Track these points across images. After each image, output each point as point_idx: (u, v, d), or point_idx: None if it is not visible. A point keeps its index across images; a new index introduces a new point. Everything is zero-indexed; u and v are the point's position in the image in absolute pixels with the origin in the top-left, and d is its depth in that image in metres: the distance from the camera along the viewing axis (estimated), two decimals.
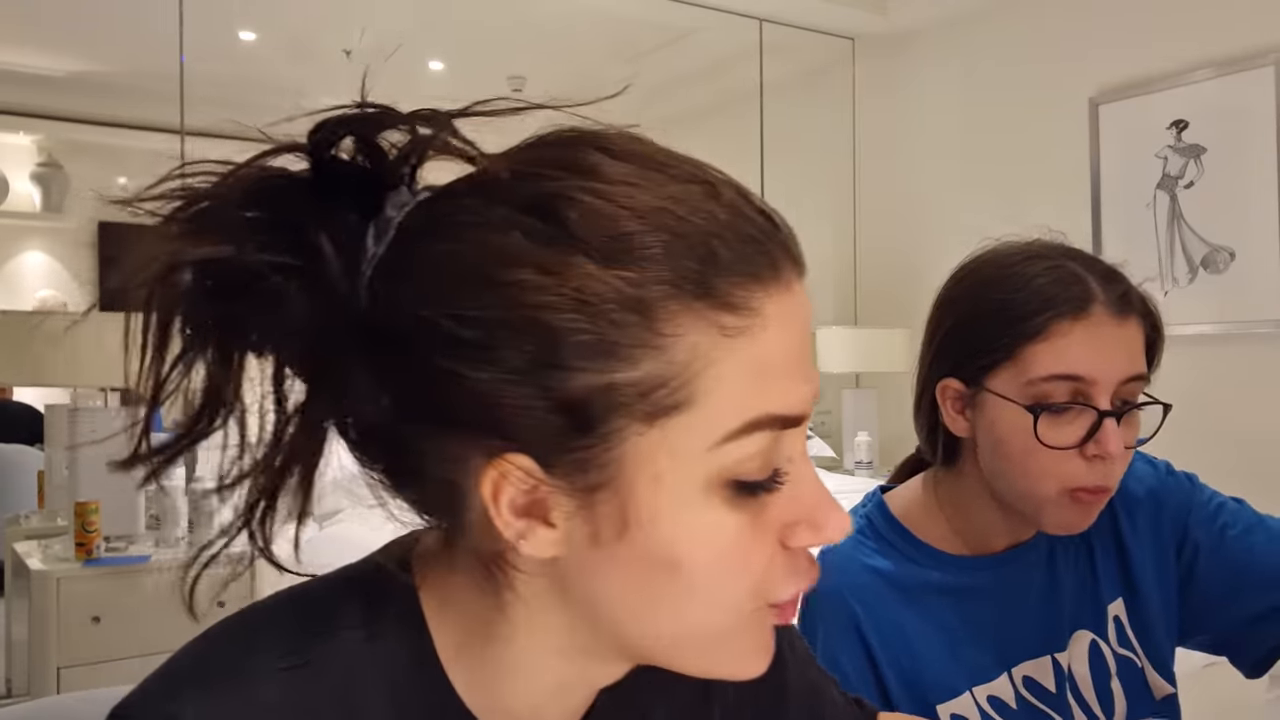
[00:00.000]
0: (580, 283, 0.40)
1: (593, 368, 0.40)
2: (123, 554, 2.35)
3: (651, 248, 0.40)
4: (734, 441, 0.41)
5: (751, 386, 0.41)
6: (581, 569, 0.44)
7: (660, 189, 0.42)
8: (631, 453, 0.41)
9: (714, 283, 0.41)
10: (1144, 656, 0.90)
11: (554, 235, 0.40)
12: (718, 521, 0.42)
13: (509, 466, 0.41)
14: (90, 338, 2.35)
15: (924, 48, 3.89)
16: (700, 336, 0.40)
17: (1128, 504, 0.93)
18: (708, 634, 0.44)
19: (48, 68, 4.20)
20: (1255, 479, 2.73)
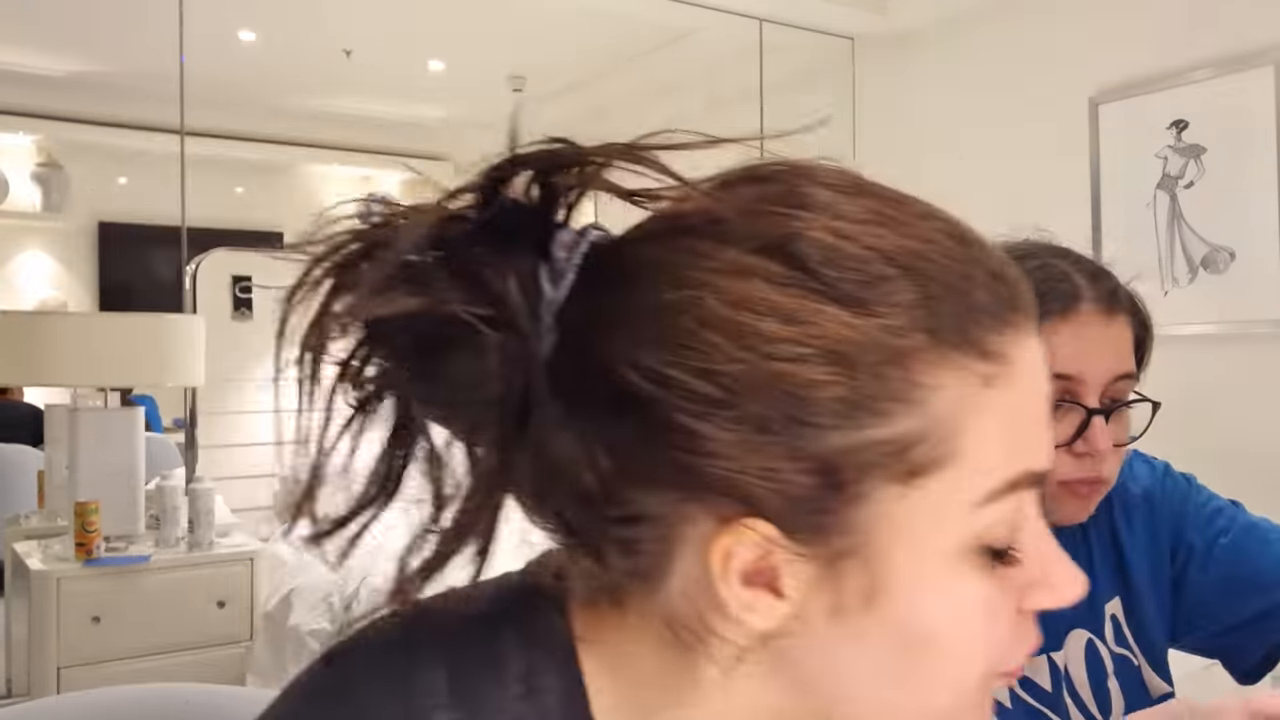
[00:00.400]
0: (832, 332, 0.36)
1: (847, 425, 0.36)
2: (123, 554, 2.35)
3: (906, 292, 0.37)
4: (995, 502, 0.38)
5: (1011, 441, 0.38)
6: (811, 644, 0.39)
7: (905, 228, 0.38)
8: (885, 516, 0.37)
9: (971, 329, 0.37)
10: (1140, 655, 0.90)
11: (798, 280, 0.36)
12: (974, 591, 0.39)
13: (746, 532, 0.37)
14: (90, 338, 2.35)
15: (924, 48, 3.89)
16: (961, 388, 0.37)
17: (1125, 504, 0.93)
18: (939, 711, 0.40)
19: (48, 68, 4.20)
20: (1255, 479, 2.73)
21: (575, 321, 0.39)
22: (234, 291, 3.02)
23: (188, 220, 2.99)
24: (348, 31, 3.93)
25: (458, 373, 0.39)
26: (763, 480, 0.36)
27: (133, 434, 2.45)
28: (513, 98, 4.58)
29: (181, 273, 2.98)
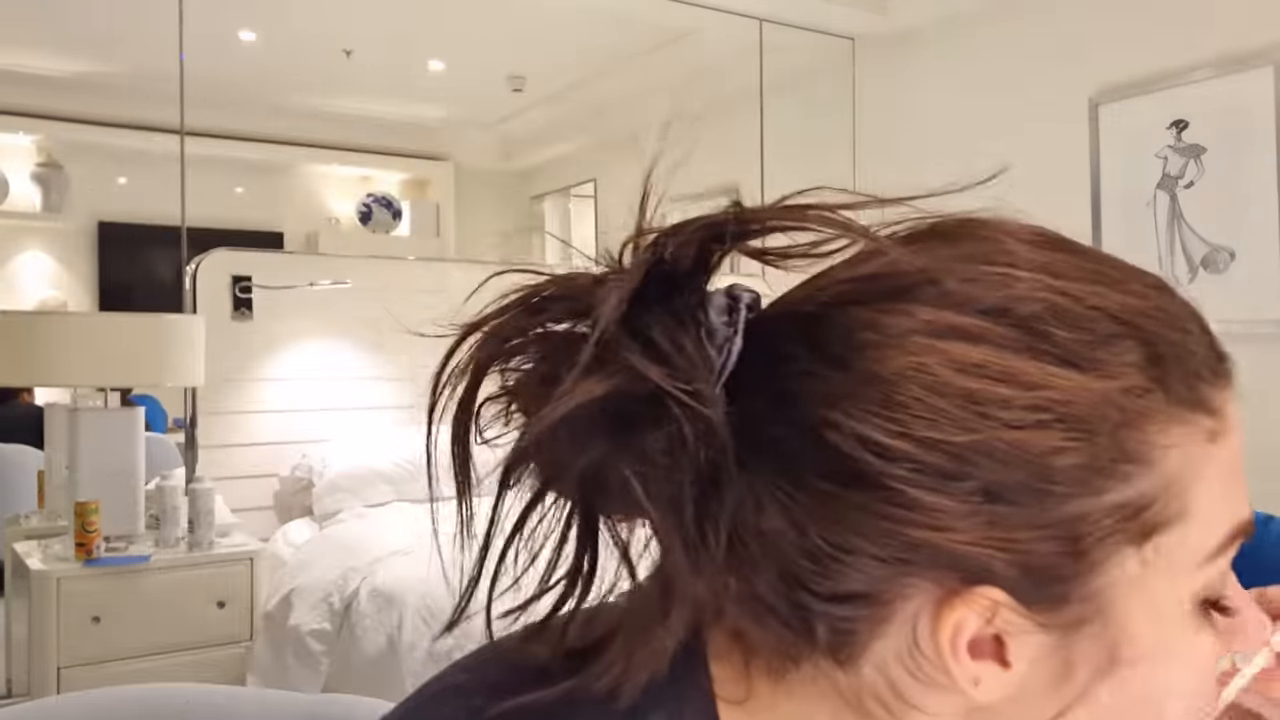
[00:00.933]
0: (1070, 396, 0.35)
1: (1086, 491, 0.35)
2: (123, 554, 2.35)
3: (1135, 352, 0.36)
4: (1220, 556, 0.38)
5: (1230, 494, 0.39)
6: (1030, 712, 0.38)
7: (1122, 285, 0.37)
8: (1123, 579, 0.36)
9: (1197, 385, 0.37)
10: None
11: (1029, 343, 0.35)
12: (1202, 647, 0.38)
13: (976, 605, 0.36)
14: (90, 338, 2.35)
15: (924, 48, 3.89)
16: (1190, 445, 0.37)
17: None
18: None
19: (48, 68, 4.21)
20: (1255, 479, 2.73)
21: (750, 391, 0.37)
22: (234, 291, 3.02)
23: (188, 220, 2.99)
24: (348, 31, 3.93)
25: (650, 453, 0.36)
26: (999, 551, 0.35)
27: (133, 434, 2.45)
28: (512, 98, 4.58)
29: (181, 273, 2.98)
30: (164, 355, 2.40)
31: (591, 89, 4.39)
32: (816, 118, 4.22)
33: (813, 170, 4.21)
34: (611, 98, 4.39)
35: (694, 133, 3.91)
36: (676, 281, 0.38)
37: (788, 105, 4.05)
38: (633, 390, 0.36)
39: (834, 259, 0.39)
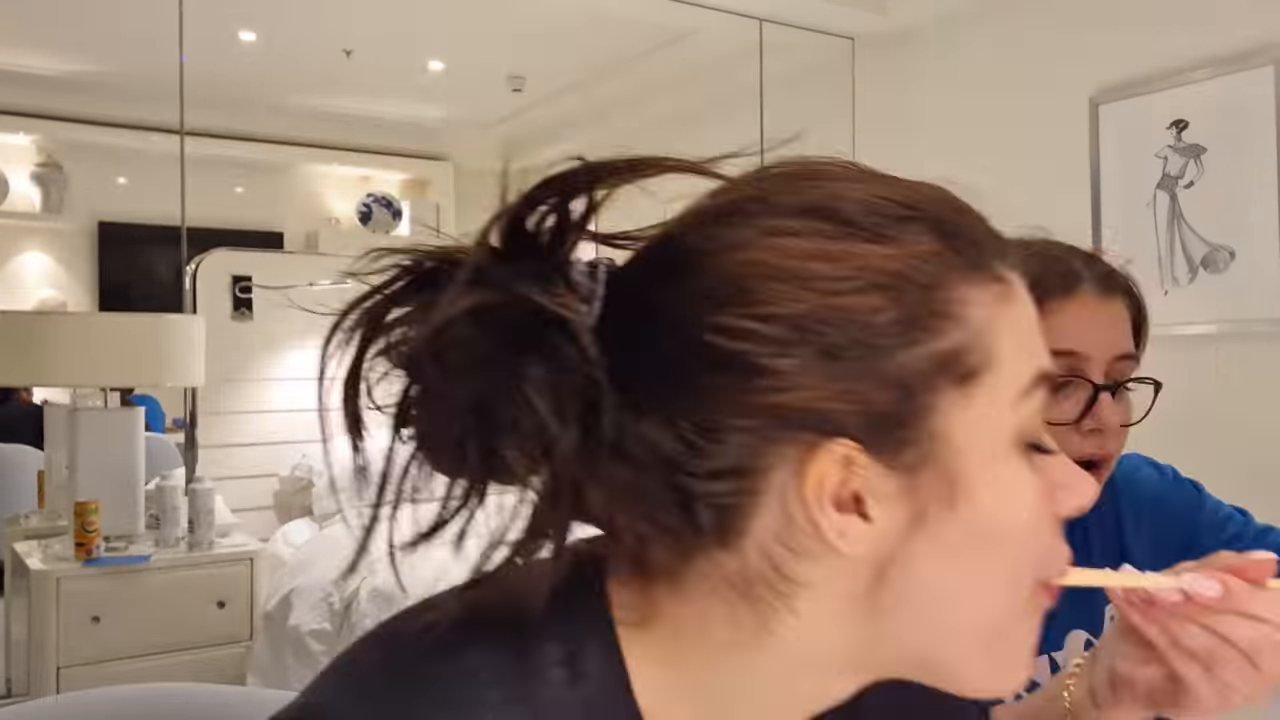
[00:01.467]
0: (876, 264, 0.42)
1: (907, 342, 0.41)
2: (122, 554, 2.35)
3: (925, 229, 0.43)
4: (1026, 398, 0.44)
5: (1026, 345, 0.45)
6: (893, 561, 0.43)
7: (912, 187, 0.45)
8: (949, 422, 0.42)
9: (982, 256, 0.44)
10: None
11: (841, 231, 0.43)
12: (1028, 483, 0.44)
13: (833, 453, 0.41)
14: (90, 338, 2.35)
15: (924, 47, 3.89)
16: (986, 304, 0.43)
17: (1134, 507, 0.93)
18: (996, 619, 0.44)
19: (48, 68, 4.20)
20: (1256, 479, 2.73)
21: (618, 328, 0.43)
22: (234, 291, 3.02)
23: (188, 220, 2.99)
24: (348, 31, 3.93)
25: (533, 375, 0.41)
26: (842, 402, 0.41)
27: (133, 434, 2.45)
28: (512, 98, 4.58)
29: (181, 273, 2.98)
30: (164, 355, 2.40)
31: (591, 89, 4.39)
32: (816, 118, 4.22)
33: None
34: (611, 98, 4.39)
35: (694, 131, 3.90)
36: (540, 251, 0.44)
37: (788, 105, 4.05)
38: (508, 306, 0.41)
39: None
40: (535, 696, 0.42)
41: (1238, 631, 0.51)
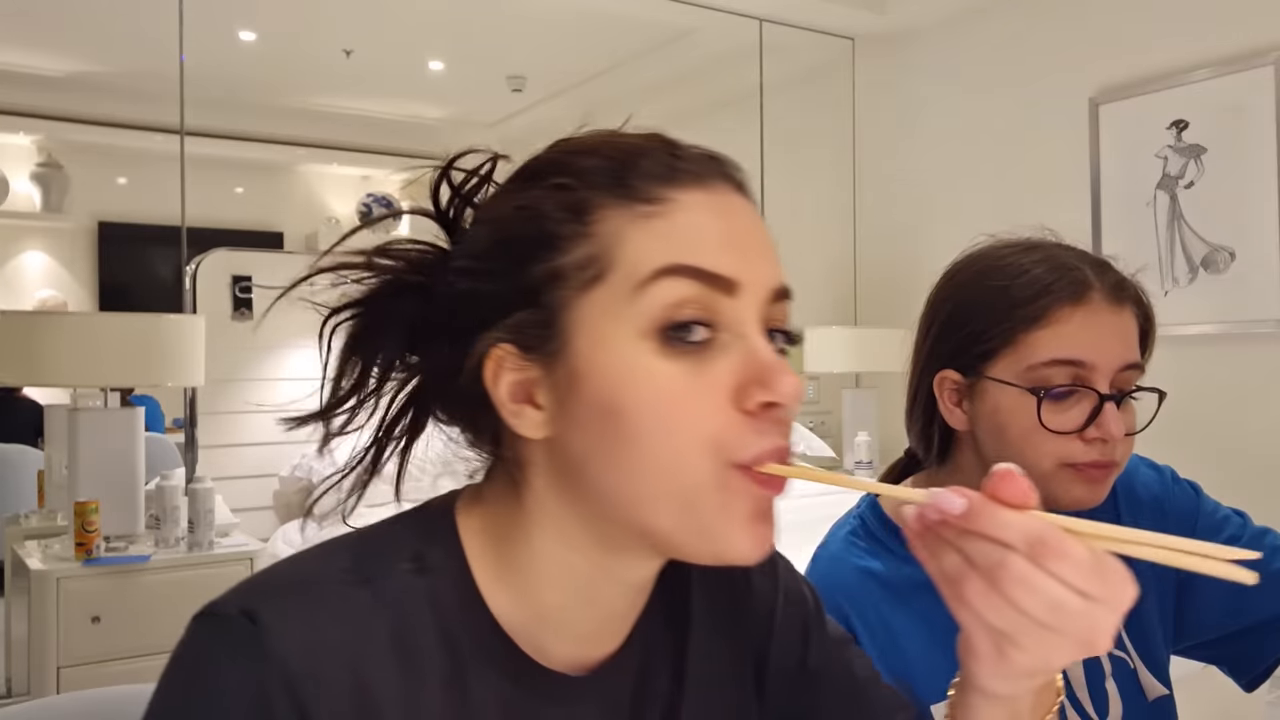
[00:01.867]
0: (527, 199, 0.52)
1: (539, 258, 0.51)
2: (122, 554, 2.35)
3: (587, 167, 0.52)
4: (648, 287, 0.49)
5: (661, 247, 0.50)
6: (560, 440, 0.52)
7: (609, 137, 0.54)
8: (574, 319, 0.50)
9: (631, 182, 0.51)
10: (1137, 658, 0.90)
11: (523, 183, 0.54)
12: (649, 367, 0.49)
13: (499, 354, 0.52)
14: (90, 338, 2.35)
15: (924, 47, 3.89)
16: (618, 221, 0.50)
17: (1132, 508, 0.93)
18: (675, 490, 0.49)
19: (48, 68, 4.20)
20: (1256, 479, 2.73)
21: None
22: (234, 291, 3.02)
23: (188, 220, 2.99)
24: (348, 31, 3.93)
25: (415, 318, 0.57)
26: (497, 311, 0.52)
27: (133, 434, 2.45)
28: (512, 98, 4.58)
29: (181, 273, 2.98)
30: (164, 355, 2.40)
31: (591, 89, 4.38)
32: (816, 118, 4.22)
33: (813, 170, 4.21)
34: (611, 98, 4.39)
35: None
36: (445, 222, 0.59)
37: (788, 105, 4.05)
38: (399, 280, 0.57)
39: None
40: (378, 583, 0.52)
41: (977, 551, 0.47)
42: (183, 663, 0.50)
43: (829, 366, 3.62)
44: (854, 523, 0.93)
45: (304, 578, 0.52)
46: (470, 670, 0.53)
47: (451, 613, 0.53)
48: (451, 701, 0.52)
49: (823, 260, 4.17)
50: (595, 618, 0.56)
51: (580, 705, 0.56)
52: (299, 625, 0.49)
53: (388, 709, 0.50)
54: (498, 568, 0.55)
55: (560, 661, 0.55)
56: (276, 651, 0.48)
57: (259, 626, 0.49)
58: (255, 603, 0.50)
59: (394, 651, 0.51)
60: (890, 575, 0.87)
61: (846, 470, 3.60)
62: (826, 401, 4.09)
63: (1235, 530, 0.91)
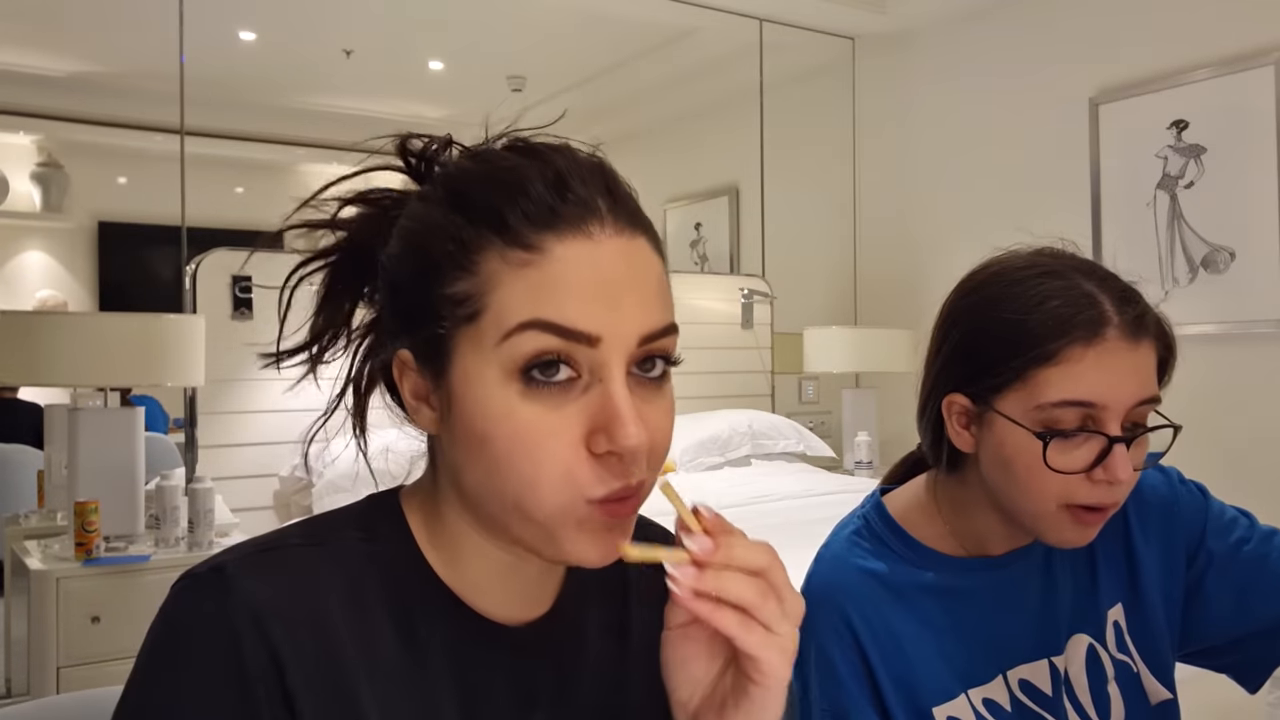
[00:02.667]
0: (426, 223, 0.57)
1: (437, 284, 0.55)
2: (122, 554, 2.35)
3: (479, 204, 0.56)
4: (512, 338, 0.53)
5: (529, 300, 0.54)
6: (445, 441, 0.59)
7: (501, 163, 0.58)
8: (454, 348, 0.55)
9: (513, 226, 0.54)
10: (1140, 662, 0.90)
11: (441, 200, 0.58)
12: (510, 406, 0.54)
13: (403, 357, 0.59)
14: (90, 338, 2.34)
15: (924, 47, 3.89)
16: (497, 264, 0.54)
17: (1140, 511, 0.93)
18: (538, 510, 0.55)
19: (48, 68, 4.20)
20: (1256, 478, 2.73)
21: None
22: (234, 291, 3.01)
23: (188, 220, 2.99)
24: (348, 31, 3.93)
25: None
26: (398, 322, 0.59)
27: (133, 434, 2.45)
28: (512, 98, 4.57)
29: (181, 273, 2.98)
30: (164, 355, 2.40)
31: (591, 89, 4.38)
32: (816, 118, 4.22)
33: (813, 170, 4.21)
34: (611, 98, 4.39)
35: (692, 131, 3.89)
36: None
37: (788, 105, 4.05)
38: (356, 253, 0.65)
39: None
40: (330, 545, 0.59)
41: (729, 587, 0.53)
42: (160, 618, 0.55)
43: (829, 366, 3.62)
44: (858, 523, 0.92)
45: (265, 543, 0.59)
46: (416, 615, 0.59)
47: (398, 569, 0.60)
48: (401, 639, 0.58)
49: (823, 260, 4.17)
50: (515, 588, 0.62)
51: (519, 651, 0.62)
52: (261, 573, 0.56)
53: (346, 643, 0.56)
54: (433, 539, 0.61)
55: (495, 618, 0.62)
56: (241, 591, 0.54)
57: (226, 575, 0.55)
58: (222, 560, 0.56)
59: (347, 597, 0.57)
60: (893, 577, 0.87)
61: (846, 470, 3.60)
62: (826, 401, 4.09)
63: (1244, 532, 0.91)
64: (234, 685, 0.52)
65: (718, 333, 3.77)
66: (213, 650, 0.53)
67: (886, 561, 0.88)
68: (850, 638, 0.84)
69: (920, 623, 0.85)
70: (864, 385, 3.88)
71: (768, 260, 3.97)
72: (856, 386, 3.88)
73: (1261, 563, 0.89)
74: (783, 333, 3.89)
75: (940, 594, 0.87)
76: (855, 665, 0.83)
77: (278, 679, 0.53)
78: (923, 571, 0.87)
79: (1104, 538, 0.91)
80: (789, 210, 4.02)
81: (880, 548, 0.89)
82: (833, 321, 3.89)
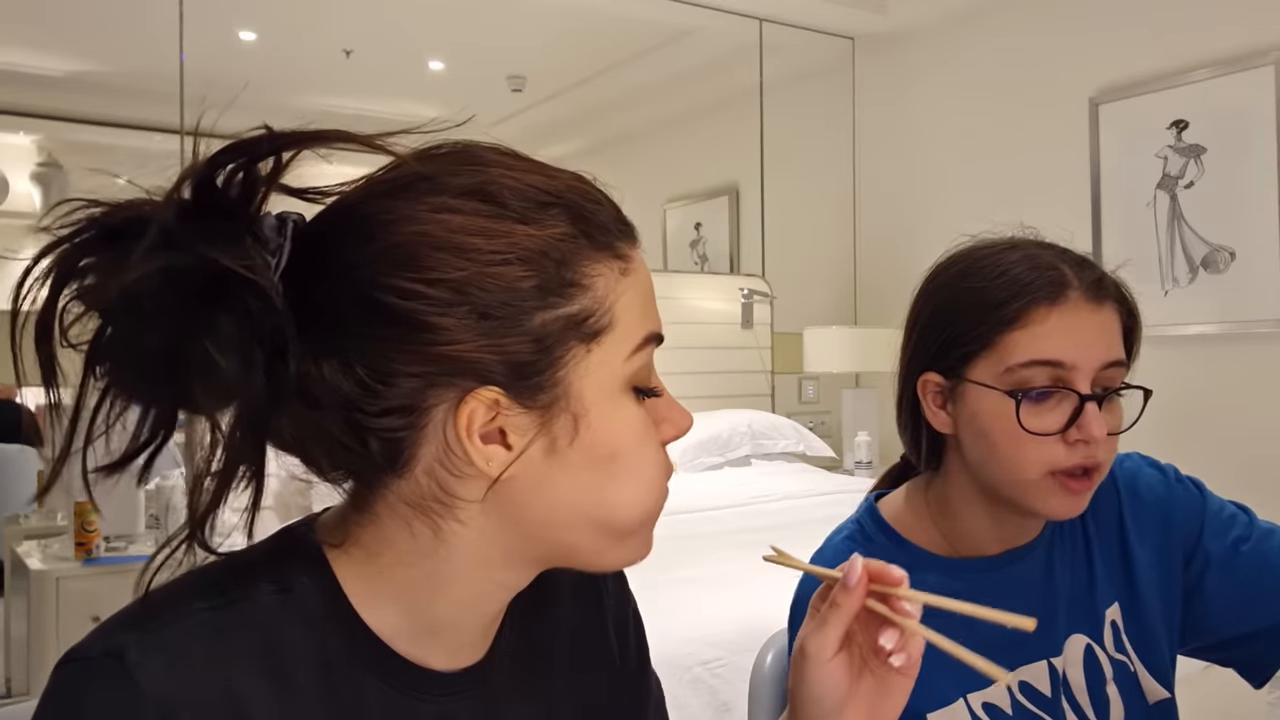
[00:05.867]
0: (522, 242, 0.51)
1: (544, 306, 0.51)
2: (122, 554, 2.35)
3: (564, 214, 0.52)
4: (638, 353, 0.54)
5: (641, 312, 0.55)
6: (535, 480, 0.53)
7: (553, 176, 0.54)
8: (577, 370, 0.52)
9: (608, 238, 0.54)
10: (1138, 661, 0.89)
11: (495, 211, 0.51)
12: (636, 415, 0.55)
13: (481, 397, 0.51)
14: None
15: (924, 47, 3.89)
16: (610, 277, 0.53)
17: (1136, 510, 0.92)
18: (639, 514, 0.56)
19: (48, 68, 4.20)
20: (1255, 478, 2.73)
21: (302, 279, 0.51)
22: None
23: None
24: (348, 31, 3.93)
25: (223, 327, 0.48)
26: (491, 354, 0.50)
27: None
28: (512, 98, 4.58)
29: None
30: None
31: (591, 89, 4.38)
32: (816, 118, 4.21)
33: (813, 169, 4.21)
34: (612, 98, 4.39)
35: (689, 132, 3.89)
36: (230, 207, 0.50)
37: (788, 105, 4.05)
38: (196, 269, 0.47)
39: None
40: (241, 605, 0.52)
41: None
42: (52, 714, 0.49)
43: (829, 366, 3.62)
44: (852, 527, 0.92)
45: (166, 608, 0.52)
46: (342, 676, 0.54)
47: (320, 625, 0.54)
48: (326, 707, 0.53)
49: (823, 260, 4.17)
50: (478, 625, 0.59)
51: (457, 700, 0.58)
52: (165, 656, 0.49)
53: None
54: (374, 587, 0.55)
55: (434, 666, 0.58)
56: (147, 686, 0.48)
57: (125, 664, 0.48)
58: (118, 640, 0.49)
59: (263, 667, 0.52)
60: None
61: (846, 470, 3.60)
62: (826, 401, 4.09)
63: (1242, 530, 0.91)
64: None
65: (718, 333, 3.77)
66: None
67: None
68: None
69: None
70: (864, 385, 3.88)
71: (768, 260, 3.97)
72: (856, 386, 3.88)
73: (1263, 562, 0.89)
74: (783, 333, 3.89)
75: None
76: None
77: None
78: (917, 575, 0.87)
79: (1100, 537, 0.91)
80: (789, 210, 4.02)
81: (874, 551, 0.89)
82: (833, 321, 3.89)
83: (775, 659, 0.99)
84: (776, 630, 1.00)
